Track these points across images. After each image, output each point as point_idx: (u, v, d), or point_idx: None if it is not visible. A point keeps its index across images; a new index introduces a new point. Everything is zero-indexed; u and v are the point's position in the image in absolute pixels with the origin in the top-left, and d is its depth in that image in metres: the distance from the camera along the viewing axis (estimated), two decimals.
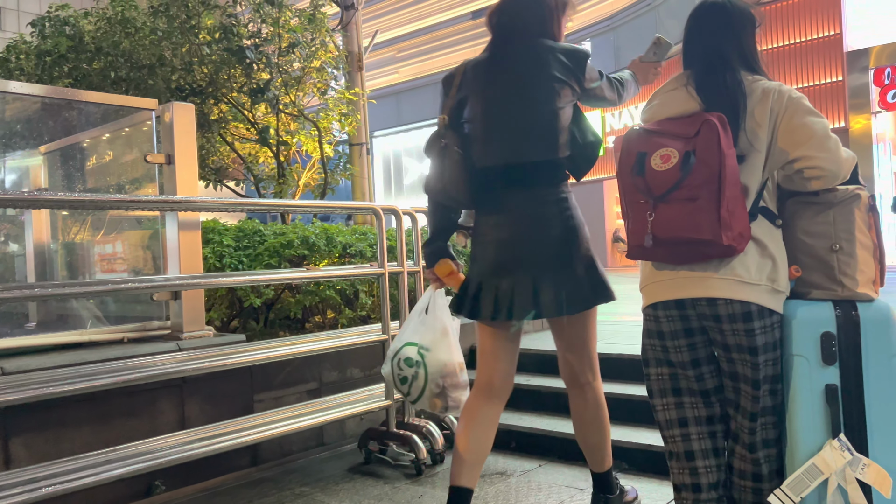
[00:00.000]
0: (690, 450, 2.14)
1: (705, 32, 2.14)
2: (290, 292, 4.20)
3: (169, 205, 3.08)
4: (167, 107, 3.50)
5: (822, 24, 13.84)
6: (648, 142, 2.03)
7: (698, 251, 1.98)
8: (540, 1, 2.40)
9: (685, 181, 1.92)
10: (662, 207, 1.96)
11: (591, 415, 2.52)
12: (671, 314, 2.10)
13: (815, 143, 1.97)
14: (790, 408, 2.06)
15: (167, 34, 5.73)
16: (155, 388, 3.18)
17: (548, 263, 2.29)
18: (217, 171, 6.46)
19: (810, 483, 1.99)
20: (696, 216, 1.91)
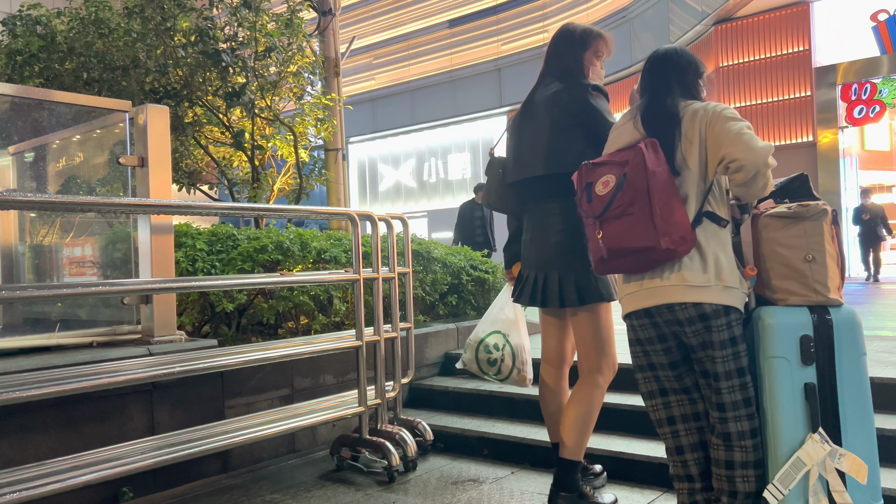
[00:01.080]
0: (680, 445, 2.39)
1: (654, 72, 2.48)
2: (264, 297, 4.17)
3: (142, 208, 3.05)
4: (141, 108, 3.46)
5: (791, 39, 14.14)
6: (594, 173, 2.38)
7: (647, 258, 2.25)
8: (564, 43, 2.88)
9: (615, 201, 2.26)
10: (606, 225, 2.29)
11: (586, 397, 2.78)
12: (643, 322, 2.37)
13: (730, 139, 2.23)
14: (771, 406, 2.24)
15: (142, 36, 5.67)
16: (124, 393, 3.14)
17: (548, 263, 2.78)
18: (191, 174, 6.40)
19: (796, 475, 2.19)
20: (633, 228, 2.22)
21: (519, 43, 22.26)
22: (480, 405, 4.17)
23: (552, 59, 2.93)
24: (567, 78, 2.82)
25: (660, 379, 2.40)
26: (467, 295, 5.46)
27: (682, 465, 2.38)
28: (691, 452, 2.38)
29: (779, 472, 2.18)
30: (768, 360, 2.26)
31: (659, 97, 2.41)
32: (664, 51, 2.50)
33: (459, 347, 4.93)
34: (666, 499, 2.97)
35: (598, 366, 2.78)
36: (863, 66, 13.38)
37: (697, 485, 2.37)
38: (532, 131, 2.84)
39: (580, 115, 2.72)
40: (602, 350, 2.79)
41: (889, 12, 13.03)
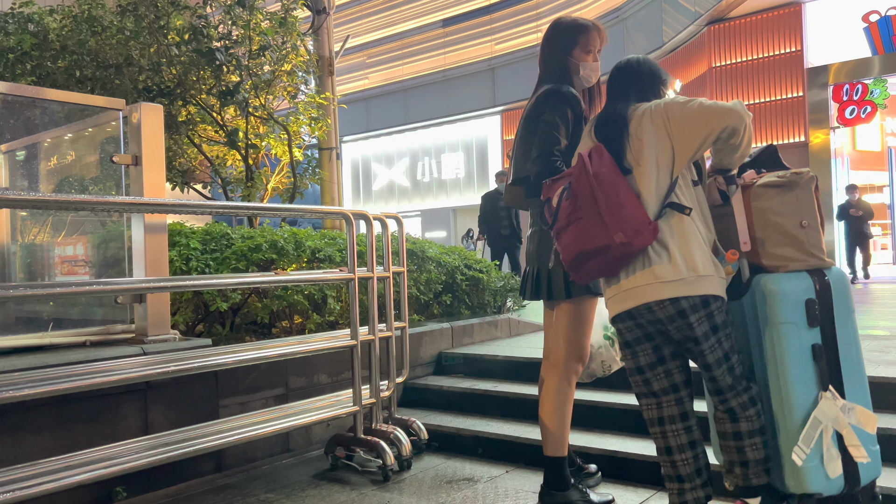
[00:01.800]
0: (668, 445, 2.42)
1: (612, 82, 2.55)
2: (258, 297, 4.16)
3: (136, 206, 3.04)
4: (135, 107, 3.45)
5: (783, 40, 14.20)
6: (552, 188, 2.47)
7: (608, 257, 2.29)
8: (549, 43, 2.91)
9: (560, 211, 2.35)
10: (561, 235, 2.36)
11: (551, 399, 2.82)
12: (628, 325, 2.41)
13: (706, 114, 2.29)
14: (781, 371, 2.32)
15: (135, 34, 5.64)
16: (118, 393, 3.13)
17: (538, 258, 2.85)
18: (184, 173, 6.37)
19: (815, 434, 2.27)
20: (585, 231, 2.28)
21: (512, 42, 22.27)
22: (475, 404, 4.17)
23: (541, 63, 2.96)
24: (546, 81, 2.86)
25: (649, 381, 2.44)
26: (461, 294, 5.46)
27: (672, 465, 2.41)
28: (679, 453, 2.40)
29: (801, 433, 2.26)
30: (777, 327, 2.32)
31: (612, 104, 2.49)
32: (625, 61, 2.57)
33: (454, 346, 4.94)
34: (660, 497, 2.98)
35: (565, 359, 2.81)
36: (854, 66, 13.45)
37: (687, 485, 2.39)
38: (519, 134, 2.93)
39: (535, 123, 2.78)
40: (574, 343, 2.80)
41: (880, 13, 13.11)
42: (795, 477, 2.29)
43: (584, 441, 3.36)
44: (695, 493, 2.39)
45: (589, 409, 3.57)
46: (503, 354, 4.59)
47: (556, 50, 2.87)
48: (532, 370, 4.23)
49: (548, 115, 2.71)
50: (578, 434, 3.39)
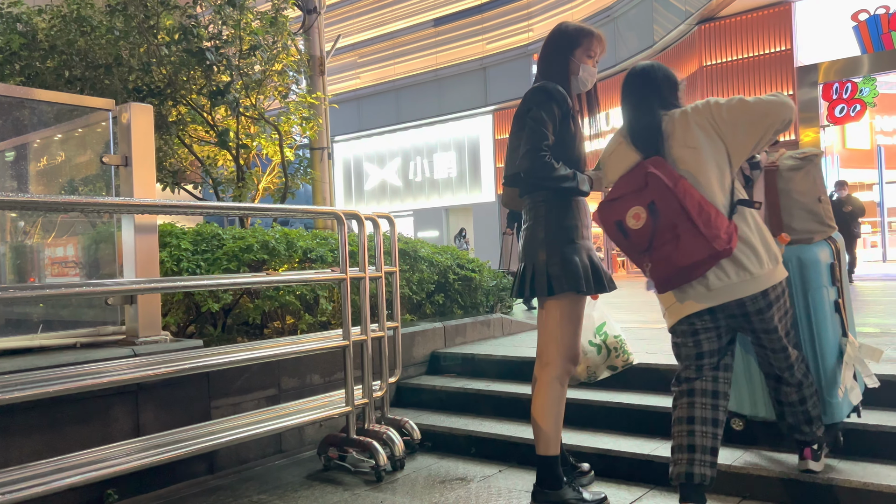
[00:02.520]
0: (693, 416, 2.55)
1: (633, 89, 2.63)
2: (249, 297, 4.15)
3: (126, 207, 3.02)
4: (125, 107, 3.43)
5: (773, 39, 14.26)
6: (613, 209, 2.50)
7: (703, 266, 2.38)
8: (551, 43, 2.90)
9: (659, 231, 2.38)
10: (655, 255, 2.41)
11: (542, 397, 2.80)
12: (704, 320, 2.53)
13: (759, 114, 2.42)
14: (818, 328, 2.74)
15: (125, 34, 5.61)
16: (109, 395, 3.11)
17: (525, 255, 2.83)
18: (175, 173, 6.34)
19: (848, 373, 2.76)
20: (685, 247, 2.34)
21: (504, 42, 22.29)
22: (468, 404, 4.17)
23: (541, 60, 2.95)
24: (547, 78, 2.85)
25: (702, 367, 2.59)
26: (454, 294, 5.46)
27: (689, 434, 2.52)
28: (702, 425, 2.53)
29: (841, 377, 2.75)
30: (814, 292, 2.74)
31: (639, 114, 2.57)
32: (640, 68, 2.64)
33: (446, 346, 4.94)
34: (653, 495, 2.99)
35: (555, 358, 2.78)
36: (844, 65, 13.52)
37: (698, 456, 2.49)
38: (513, 133, 2.92)
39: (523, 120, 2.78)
40: (562, 342, 2.79)
41: (869, 12, 13.18)
42: (827, 410, 2.76)
43: (577, 440, 3.36)
44: (702, 469, 2.46)
45: (581, 407, 3.58)
46: (496, 354, 4.59)
47: (559, 49, 2.88)
48: (525, 369, 4.23)
49: (535, 111, 2.70)
50: (571, 433, 3.39)
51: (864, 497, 2.63)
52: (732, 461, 2.97)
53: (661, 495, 2.98)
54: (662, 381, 3.82)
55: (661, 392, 3.74)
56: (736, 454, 3.03)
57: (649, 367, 3.90)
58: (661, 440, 3.33)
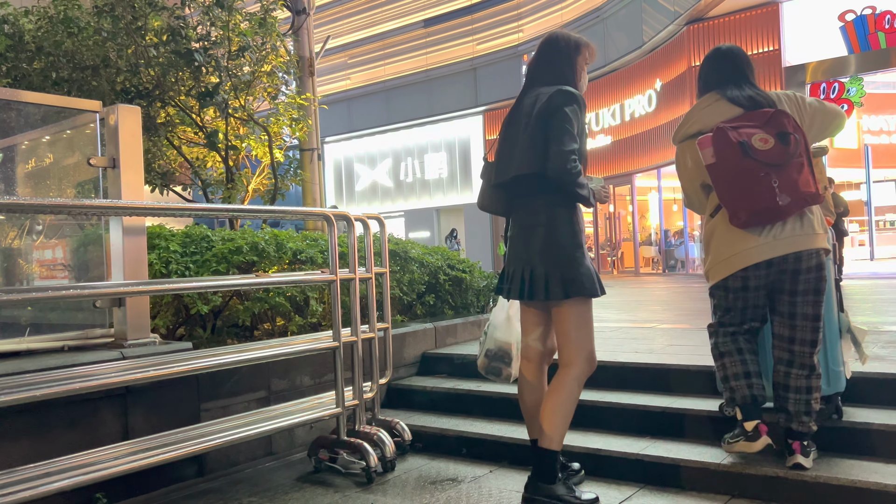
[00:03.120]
0: (749, 371, 2.85)
1: (727, 63, 2.98)
2: (239, 299, 4.13)
3: (113, 210, 3.01)
4: (112, 109, 3.41)
5: (761, 39, 14.35)
6: (743, 133, 2.70)
7: (805, 202, 2.69)
8: (554, 49, 2.95)
9: (798, 150, 2.66)
10: (784, 174, 2.64)
11: (566, 388, 2.82)
12: (759, 273, 2.76)
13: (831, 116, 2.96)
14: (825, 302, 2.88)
15: (112, 35, 5.58)
16: (97, 398, 3.09)
17: (534, 258, 2.82)
18: (164, 175, 6.31)
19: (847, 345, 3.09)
20: (806, 177, 2.67)
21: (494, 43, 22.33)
22: (458, 404, 4.18)
23: (543, 64, 2.96)
24: (558, 83, 2.86)
25: (745, 321, 2.90)
26: (445, 294, 5.46)
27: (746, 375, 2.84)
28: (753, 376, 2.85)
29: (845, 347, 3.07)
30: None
31: (748, 87, 2.90)
32: (728, 47, 3.03)
33: (437, 347, 4.94)
34: (643, 494, 3.00)
35: (575, 359, 2.82)
36: (831, 65, 13.61)
37: (755, 380, 2.84)
38: (518, 134, 2.88)
39: (550, 116, 2.76)
40: (580, 344, 2.83)
41: (856, 12, 13.27)
42: (831, 381, 2.99)
43: (567, 439, 3.34)
44: (759, 390, 2.84)
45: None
46: None
47: (568, 55, 2.93)
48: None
49: (565, 114, 2.74)
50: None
51: (852, 494, 2.65)
52: (721, 460, 2.98)
53: (652, 494, 2.99)
54: (653, 380, 3.83)
55: (650, 391, 3.76)
56: (724, 453, 3.05)
57: (639, 367, 3.91)
58: (651, 439, 3.35)
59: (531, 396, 3.00)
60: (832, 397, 3.05)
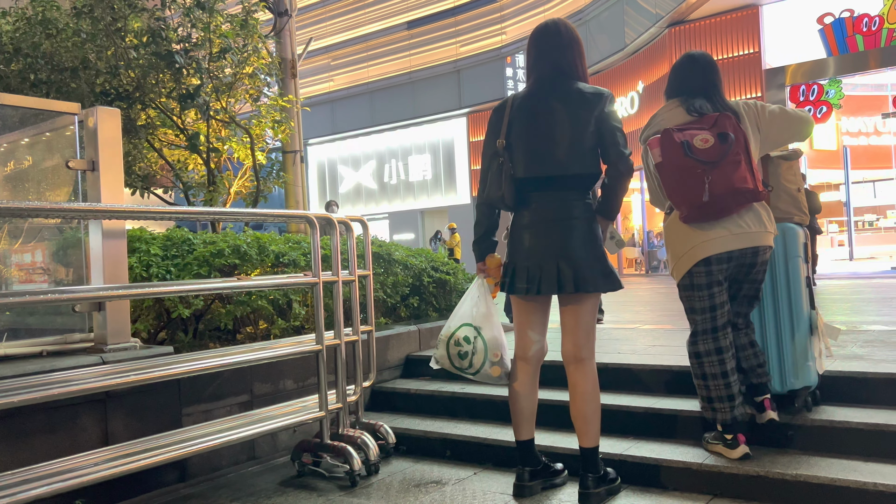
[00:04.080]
0: (725, 370, 2.95)
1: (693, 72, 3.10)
2: (221, 302, 4.10)
3: (92, 213, 2.98)
4: (91, 111, 3.38)
5: (742, 42, 14.48)
6: (687, 134, 2.88)
7: (743, 200, 2.84)
8: (571, 44, 2.97)
9: (731, 149, 2.82)
10: (716, 171, 2.81)
11: (589, 388, 2.90)
12: (721, 267, 2.93)
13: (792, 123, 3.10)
14: (794, 294, 3.15)
15: (91, 36, 5.52)
16: (77, 404, 3.06)
17: (566, 251, 2.83)
18: (144, 178, 6.25)
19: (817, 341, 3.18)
20: (739, 173, 2.81)
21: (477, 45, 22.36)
22: (443, 407, 4.17)
23: (554, 51, 2.94)
24: (574, 79, 2.92)
25: (716, 318, 2.99)
26: (429, 296, 5.46)
27: (726, 386, 2.94)
28: (732, 375, 2.96)
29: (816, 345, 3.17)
30: (793, 260, 3.17)
31: (720, 96, 3.05)
32: (701, 54, 3.14)
33: (422, 349, 4.93)
34: (626, 494, 3.01)
35: (592, 353, 2.92)
36: (810, 67, 13.76)
37: (737, 401, 2.95)
38: (551, 130, 2.85)
39: (602, 121, 2.84)
40: (594, 335, 2.95)
41: (834, 15, 13.44)
42: (800, 375, 3.11)
43: (550, 440, 3.38)
44: (741, 409, 2.97)
45: (555, 408, 3.59)
46: None
47: (578, 41, 3.00)
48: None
49: (615, 116, 2.87)
50: (544, 433, 3.41)
51: (832, 492, 2.68)
52: (703, 460, 3.00)
53: (635, 494, 3.00)
54: (636, 381, 3.85)
55: (634, 392, 3.78)
56: (706, 452, 3.07)
57: (622, 367, 3.93)
58: (634, 440, 3.36)
59: (528, 399, 3.01)
60: (801, 391, 3.15)
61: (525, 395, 3.00)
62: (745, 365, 3.07)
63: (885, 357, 3.66)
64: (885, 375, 3.27)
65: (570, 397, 2.93)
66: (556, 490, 3.07)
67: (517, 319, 3.07)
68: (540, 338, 3.03)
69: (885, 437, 2.90)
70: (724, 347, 2.97)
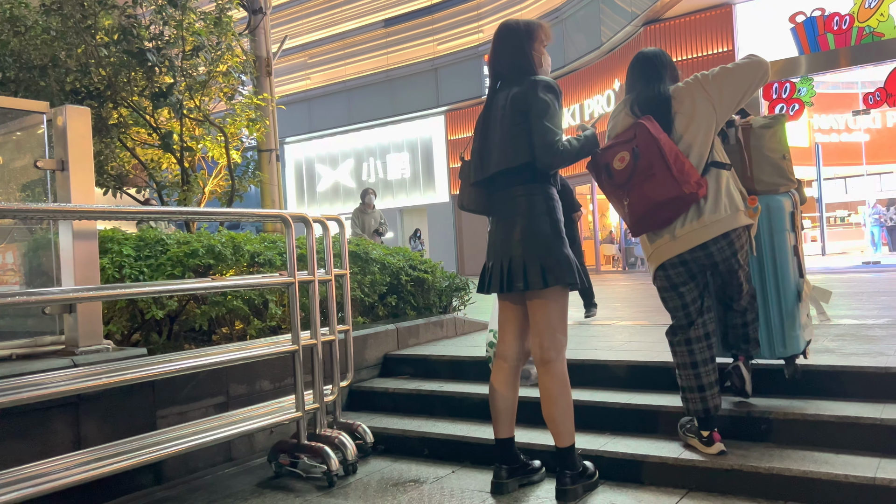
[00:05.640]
0: (695, 361, 3.00)
1: (644, 66, 3.07)
2: (196, 303, 4.06)
3: (62, 213, 2.92)
4: (60, 110, 3.32)
5: (716, 40, 14.63)
6: (606, 154, 2.94)
7: (673, 207, 2.81)
8: (509, 43, 2.95)
9: (638, 168, 2.80)
10: (632, 192, 2.83)
11: (555, 391, 2.88)
12: (678, 271, 2.95)
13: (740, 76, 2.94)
14: (781, 266, 3.20)
15: (61, 34, 5.43)
16: (48, 407, 3.00)
17: (513, 247, 2.84)
18: (117, 177, 6.16)
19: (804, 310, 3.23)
20: (658, 186, 2.77)
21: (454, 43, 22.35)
22: (421, 405, 4.17)
23: (502, 58, 2.98)
24: (521, 77, 2.90)
25: (690, 314, 3.03)
26: (406, 295, 5.45)
27: (696, 377, 2.99)
28: (704, 366, 3.00)
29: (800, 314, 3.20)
30: (779, 234, 3.18)
31: (652, 86, 3.00)
32: (651, 51, 3.12)
33: (399, 348, 4.92)
34: (603, 490, 3.02)
35: (558, 350, 2.88)
36: (783, 66, 13.92)
37: (708, 393, 2.98)
38: (493, 133, 2.91)
39: (528, 110, 2.81)
40: (560, 334, 2.89)
41: (806, 14, 13.61)
42: (787, 343, 3.18)
43: (528, 438, 3.39)
44: (714, 401, 2.98)
45: (531, 405, 3.59)
46: (449, 354, 4.59)
47: (523, 42, 2.94)
48: (478, 369, 4.24)
49: (546, 105, 2.79)
50: (522, 431, 3.41)
51: (804, 485, 2.72)
52: (679, 454, 3.03)
53: (612, 490, 3.02)
54: (612, 378, 3.88)
55: (610, 388, 3.80)
56: (682, 448, 3.10)
57: (599, 364, 3.95)
58: (611, 436, 3.38)
59: (507, 397, 3.01)
60: (789, 360, 3.25)
61: (502, 394, 3.00)
62: (731, 340, 3.17)
63: (855, 350, 3.72)
64: (855, 369, 3.32)
65: (540, 399, 2.93)
66: (533, 487, 3.08)
67: (498, 319, 3.10)
68: (518, 337, 3.03)
69: (856, 430, 2.95)
70: (693, 339, 3.01)
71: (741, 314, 3.11)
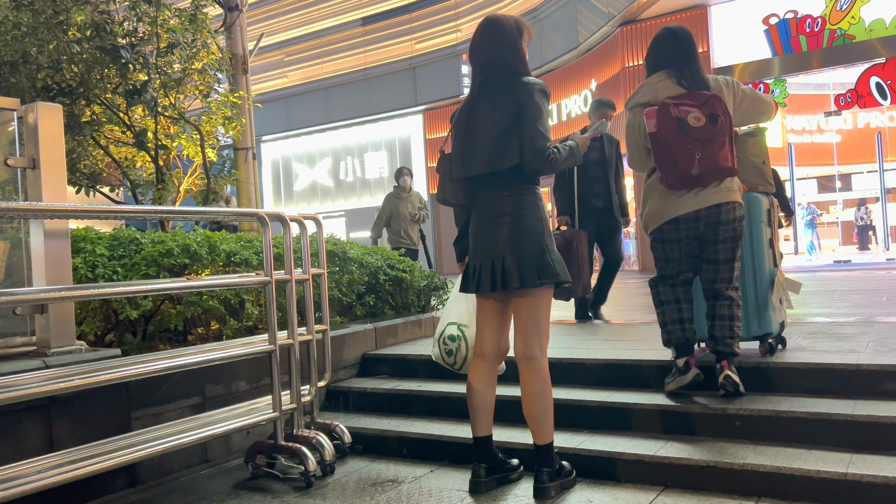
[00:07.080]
0: (682, 318, 3.40)
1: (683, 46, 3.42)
2: (171, 303, 4.01)
3: (32, 212, 2.87)
4: (31, 107, 3.26)
5: None
6: (680, 108, 3.20)
7: (720, 175, 3.24)
8: (500, 38, 2.94)
9: (721, 130, 3.17)
10: (706, 148, 3.16)
11: (538, 388, 2.90)
12: (689, 226, 3.31)
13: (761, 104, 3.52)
14: (758, 255, 3.65)
15: (32, 30, 5.33)
16: (18, 410, 2.95)
17: (504, 247, 2.86)
18: (90, 176, 6.07)
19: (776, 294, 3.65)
20: (724, 151, 3.19)
21: (432, 42, 22.34)
22: (399, 405, 4.16)
23: (489, 50, 2.95)
24: (510, 72, 2.90)
25: (681, 264, 3.42)
26: (385, 295, 5.43)
27: (679, 321, 3.39)
28: (688, 321, 3.40)
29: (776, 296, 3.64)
30: (757, 224, 3.64)
31: (696, 68, 3.38)
32: (681, 29, 3.51)
33: (377, 348, 4.91)
34: (580, 488, 3.04)
35: (542, 347, 2.91)
36: (757, 67, 14.12)
37: (688, 325, 3.40)
38: (479, 130, 2.90)
39: (521, 114, 2.83)
40: (545, 332, 2.93)
41: (779, 16, 13.81)
42: (761, 323, 3.62)
43: (506, 436, 3.39)
44: (690, 333, 3.39)
45: (509, 403, 3.61)
46: (427, 353, 4.57)
47: (512, 37, 2.94)
48: None
49: (539, 109, 2.82)
50: (500, 429, 3.41)
51: (777, 480, 2.76)
52: (655, 451, 3.06)
53: (588, 488, 3.04)
54: (587, 375, 3.90)
55: (589, 386, 3.82)
56: (658, 444, 3.13)
57: (577, 362, 3.97)
58: (588, 434, 3.40)
59: (485, 395, 3.02)
60: (763, 337, 3.64)
61: (480, 392, 3.01)
62: (717, 333, 3.35)
63: (827, 348, 3.78)
64: (827, 366, 3.38)
65: (521, 396, 2.95)
66: (511, 485, 3.09)
67: (476, 317, 3.09)
68: (497, 335, 3.03)
69: (828, 426, 2.99)
70: (677, 283, 3.44)
71: (728, 303, 3.34)
